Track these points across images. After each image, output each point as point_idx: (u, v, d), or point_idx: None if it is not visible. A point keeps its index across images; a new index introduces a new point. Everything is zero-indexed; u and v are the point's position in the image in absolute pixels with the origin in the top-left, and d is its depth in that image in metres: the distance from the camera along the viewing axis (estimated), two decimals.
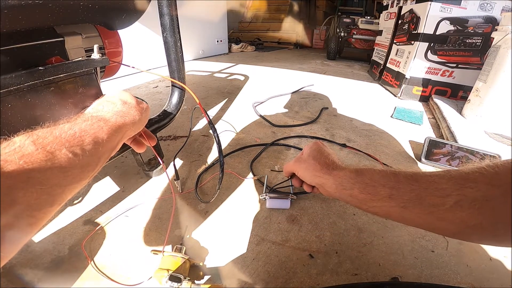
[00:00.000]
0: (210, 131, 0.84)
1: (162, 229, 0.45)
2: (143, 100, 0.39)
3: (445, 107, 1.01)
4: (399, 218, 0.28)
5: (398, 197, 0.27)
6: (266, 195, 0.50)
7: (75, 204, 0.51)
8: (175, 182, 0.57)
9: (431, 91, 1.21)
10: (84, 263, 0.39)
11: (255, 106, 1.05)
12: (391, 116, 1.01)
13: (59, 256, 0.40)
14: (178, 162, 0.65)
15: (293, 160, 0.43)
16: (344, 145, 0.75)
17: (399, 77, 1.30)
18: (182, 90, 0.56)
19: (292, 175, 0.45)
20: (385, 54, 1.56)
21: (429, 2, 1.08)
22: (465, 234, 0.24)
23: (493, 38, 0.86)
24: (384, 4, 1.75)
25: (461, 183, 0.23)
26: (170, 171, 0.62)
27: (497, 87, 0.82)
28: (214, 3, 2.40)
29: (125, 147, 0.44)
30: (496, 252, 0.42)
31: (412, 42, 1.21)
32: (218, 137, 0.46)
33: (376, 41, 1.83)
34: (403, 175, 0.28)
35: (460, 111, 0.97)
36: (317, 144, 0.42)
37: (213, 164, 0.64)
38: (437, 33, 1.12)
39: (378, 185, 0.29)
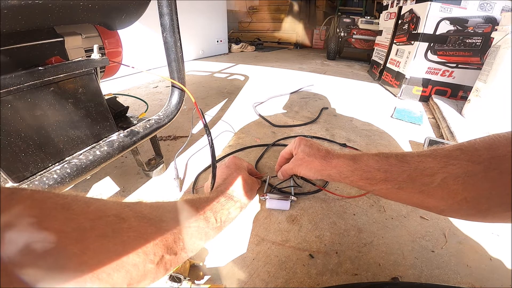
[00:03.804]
0: (205, 135, 0.84)
1: None
2: (257, 175, 0.52)
3: (445, 107, 1.01)
4: (396, 198, 0.31)
5: (392, 179, 0.29)
6: (266, 195, 0.50)
7: None
8: (175, 181, 0.57)
9: (431, 91, 1.21)
10: None
11: (255, 106, 1.05)
12: (391, 116, 1.01)
13: None
14: (178, 162, 0.65)
15: (290, 163, 0.44)
16: (344, 145, 0.75)
17: (399, 77, 1.30)
18: (182, 90, 0.56)
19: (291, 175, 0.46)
20: (385, 54, 1.56)
21: (429, 2, 1.08)
22: (454, 210, 0.26)
23: (493, 38, 0.86)
24: (384, 4, 1.75)
25: (445, 161, 0.25)
26: (170, 171, 0.62)
27: (497, 87, 0.82)
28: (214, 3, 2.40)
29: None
30: (496, 252, 0.42)
31: (412, 42, 1.21)
32: (212, 140, 0.46)
33: (376, 41, 1.83)
34: (394, 157, 0.30)
35: (460, 111, 0.97)
36: (303, 140, 0.44)
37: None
38: (437, 33, 1.12)
39: (373, 170, 0.31)
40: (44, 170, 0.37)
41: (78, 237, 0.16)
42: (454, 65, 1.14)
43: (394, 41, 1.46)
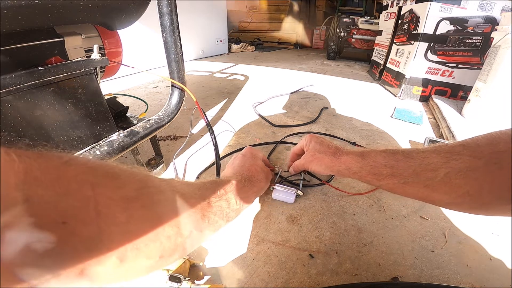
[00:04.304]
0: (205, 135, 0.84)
1: None
2: (269, 166, 0.52)
3: (445, 107, 1.01)
4: (402, 193, 0.32)
5: (398, 175, 0.30)
6: (275, 185, 0.51)
7: None
8: None
9: (431, 91, 1.21)
10: None
11: (255, 106, 1.05)
12: (391, 116, 1.01)
13: None
14: (178, 162, 0.65)
15: (302, 159, 0.46)
16: (354, 143, 0.76)
17: (399, 77, 1.30)
18: (182, 91, 0.56)
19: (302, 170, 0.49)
20: (385, 54, 1.56)
21: (429, 2, 1.08)
22: (457, 204, 0.27)
23: (493, 38, 0.86)
24: (384, 4, 1.75)
25: (448, 156, 0.26)
26: (170, 171, 0.62)
27: (497, 87, 0.82)
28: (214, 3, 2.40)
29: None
30: (496, 252, 0.42)
31: (412, 42, 1.21)
32: (215, 139, 0.46)
33: (376, 41, 1.83)
34: (400, 153, 0.32)
35: (460, 111, 0.97)
36: (314, 137, 0.46)
37: (212, 164, 0.64)
38: (437, 33, 1.12)
39: (380, 166, 0.32)
40: None
41: (125, 205, 0.17)
42: (454, 65, 1.14)
43: (394, 41, 1.46)
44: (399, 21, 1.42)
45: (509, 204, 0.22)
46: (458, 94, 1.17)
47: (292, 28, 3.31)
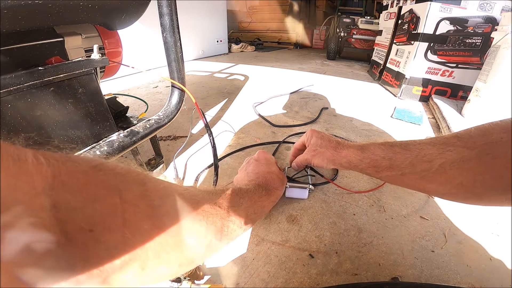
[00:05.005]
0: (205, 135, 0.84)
1: None
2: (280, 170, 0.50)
3: (445, 107, 1.01)
4: (401, 184, 0.33)
5: (396, 167, 0.31)
6: (287, 184, 0.51)
7: None
8: (174, 181, 0.57)
9: (431, 91, 1.21)
10: None
11: (255, 106, 1.05)
12: (391, 116, 1.01)
13: None
14: (178, 162, 0.65)
15: (304, 154, 0.46)
16: None
17: (399, 77, 1.30)
18: (182, 91, 0.56)
19: (306, 165, 0.50)
20: (385, 54, 1.56)
21: (429, 2, 1.08)
22: (452, 194, 0.27)
23: (493, 38, 0.86)
24: (384, 4, 1.75)
25: (443, 148, 0.27)
26: (170, 171, 0.62)
27: (497, 87, 0.82)
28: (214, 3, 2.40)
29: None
30: (496, 252, 0.42)
31: (412, 42, 1.21)
32: (213, 140, 0.46)
33: (376, 41, 1.83)
34: (398, 145, 0.32)
35: (460, 111, 0.97)
36: (315, 132, 0.46)
37: (211, 165, 0.64)
38: (437, 33, 1.12)
39: (379, 159, 0.33)
40: None
41: (150, 213, 0.17)
42: (454, 65, 1.14)
43: (394, 41, 1.46)
44: (399, 21, 1.42)
45: (502, 195, 0.23)
46: (458, 94, 1.17)
47: (292, 28, 3.31)
